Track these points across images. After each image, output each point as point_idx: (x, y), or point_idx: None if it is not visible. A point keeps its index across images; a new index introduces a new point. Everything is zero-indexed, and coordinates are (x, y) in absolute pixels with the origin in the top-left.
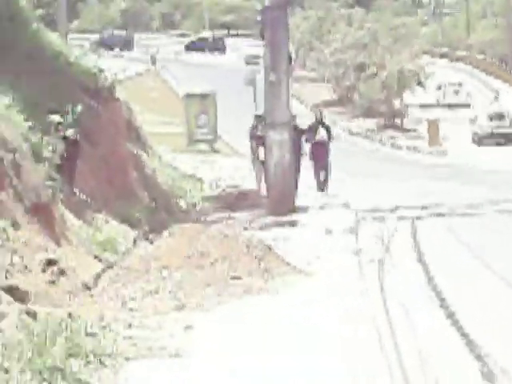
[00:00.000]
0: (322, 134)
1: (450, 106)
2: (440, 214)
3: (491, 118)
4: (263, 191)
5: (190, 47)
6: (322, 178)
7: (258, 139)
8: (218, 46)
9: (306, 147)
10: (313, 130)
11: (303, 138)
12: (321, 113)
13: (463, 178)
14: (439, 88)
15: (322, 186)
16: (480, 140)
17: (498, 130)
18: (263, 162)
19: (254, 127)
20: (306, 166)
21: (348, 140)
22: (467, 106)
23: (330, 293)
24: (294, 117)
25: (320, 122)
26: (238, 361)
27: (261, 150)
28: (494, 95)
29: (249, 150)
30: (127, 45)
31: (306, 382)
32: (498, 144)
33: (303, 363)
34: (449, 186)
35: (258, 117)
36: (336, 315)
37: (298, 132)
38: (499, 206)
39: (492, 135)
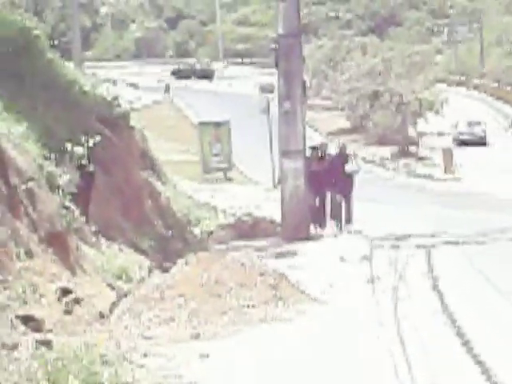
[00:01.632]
0: (350, 165)
1: (464, 143)
2: (455, 242)
3: (469, 124)
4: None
5: (176, 74)
6: (346, 214)
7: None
8: (206, 74)
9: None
10: (339, 160)
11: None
12: (344, 144)
13: (478, 205)
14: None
15: (346, 219)
16: (460, 142)
17: (474, 134)
18: None
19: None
20: None
21: (362, 168)
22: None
23: (345, 321)
24: (325, 145)
25: (345, 155)
26: None
27: None
28: (509, 122)
29: (262, 179)
30: (207, 75)
31: None
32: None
33: None
34: (463, 213)
35: (313, 148)
36: (350, 344)
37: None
38: None
39: (469, 139)
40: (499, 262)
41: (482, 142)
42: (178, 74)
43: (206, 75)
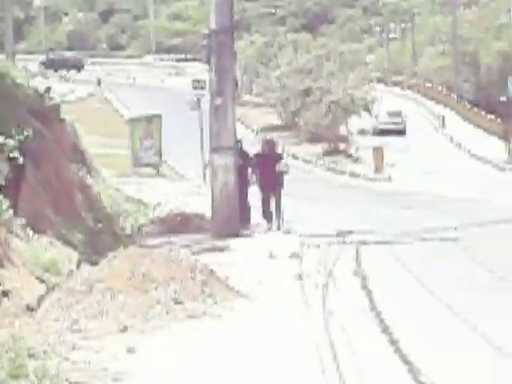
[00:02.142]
0: (283, 164)
1: (383, 132)
2: (384, 241)
3: (389, 115)
4: None
5: (47, 64)
6: (276, 212)
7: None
8: (76, 64)
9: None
10: (270, 158)
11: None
12: (272, 141)
13: (407, 204)
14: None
15: (275, 218)
16: (379, 132)
17: (394, 124)
18: None
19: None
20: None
21: (292, 165)
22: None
23: (273, 317)
24: (239, 141)
25: (276, 152)
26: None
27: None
28: (440, 122)
29: (192, 175)
30: (77, 66)
31: None
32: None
33: None
34: (393, 212)
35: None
36: (278, 339)
37: (246, 158)
38: (440, 233)
39: (390, 128)
40: (426, 261)
41: (401, 132)
42: (50, 65)
43: (76, 65)
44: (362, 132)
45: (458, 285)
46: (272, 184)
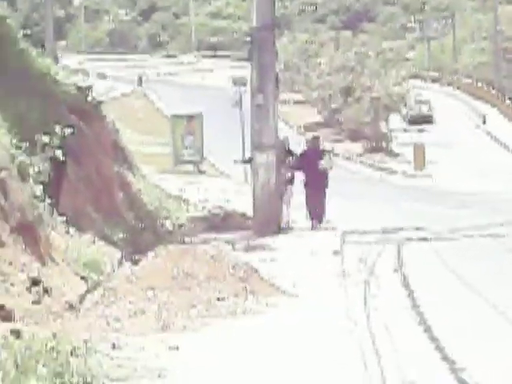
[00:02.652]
0: (326, 161)
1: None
2: (425, 238)
3: (417, 102)
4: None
5: None
6: (319, 209)
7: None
8: None
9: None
10: (314, 155)
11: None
12: (317, 137)
13: (449, 202)
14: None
15: (318, 218)
16: (410, 119)
17: (422, 112)
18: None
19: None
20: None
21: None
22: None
23: (315, 314)
24: (286, 138)
25: (319, 149)
26: (223, 381)
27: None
28: (481, 119)
29: (234, 173)
30: None
31: None
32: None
33: None
34: (434, 209)
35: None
36: (320, 336)
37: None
38: (484, 231)
39: (418, 116)
40: (469, 259)
41: (428, 120)
42: None
43: None
44: (403, 130)
45: (502, 282)
46: (317, 182)
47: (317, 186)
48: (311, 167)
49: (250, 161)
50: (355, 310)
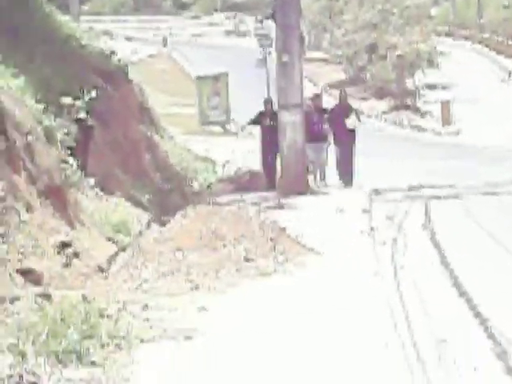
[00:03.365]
0: (352, 120)
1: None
2: (454, 195)
3: None
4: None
5: None
6: (348, 167)
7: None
8: None
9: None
10: (341, 113)
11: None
12: (345, 94)
13: (478, 157)
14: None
15: (347, 177)
16: None
17: None
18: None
19: None
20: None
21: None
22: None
23: (344, 273)
24: (319, 95)
25: (347, 105)
26: (252, 342)
27: None
28: (508, 75)
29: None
30: None
31: (319, 362)
32: None
33: (317, 344)
34: (463, 165)
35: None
36: (349, 294)
37: (321, 112)
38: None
39: None
40: (498, 215)
41: None
42: None
43: None
44: (431, 86)
45: None
46: (345, 139)
47: (345, 144)
48: (339, 125)
49: (257, 121)
50: (383, 267)
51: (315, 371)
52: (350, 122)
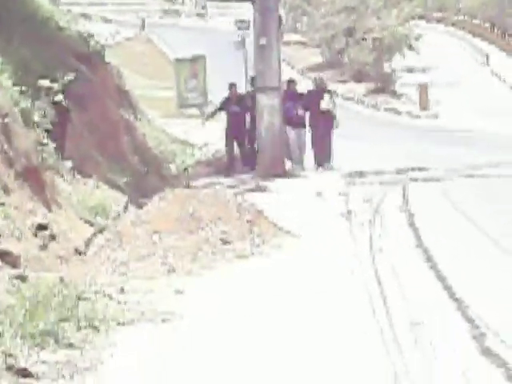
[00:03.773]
0: (326, 101)
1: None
2: (431, 178)
3: None
4: None
5: None
6: (325, 151)
7: None
8: None
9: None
10: (316, 96)
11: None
12: (321, 78)
13: (454, 142)
14: None
15: (324, 160)
16: None
17: None
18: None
19: None
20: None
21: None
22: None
23: (321, 255)
24: (293, 81)
25: (322, 89)
26: (229, 324)
27: None
28: (484, 59)
29: None
30: None
31: (296, 346)
32: None
33: (295, 327)
34: (439, 149)
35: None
36: (327, 276)
37: (296, 96)
38: (489, 170)
39: None
40: (475, 197)
41: None
42: None
43: None
44: (408, 70)
45: (505, 218)
46: (321, 123)
47: (321, 127)
48: (315, 109)
49: (223, 107)
50: (361, 249)
51: (292, 355)
52: (324, 103)
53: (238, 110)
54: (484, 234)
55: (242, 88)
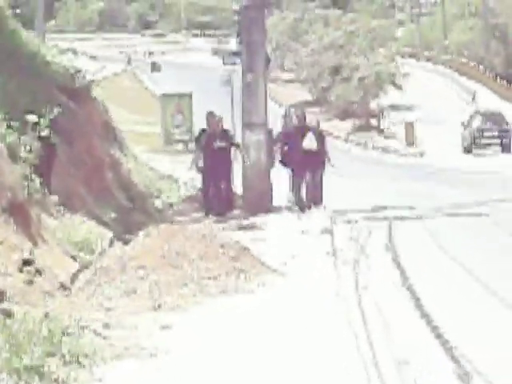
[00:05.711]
0: (310, 139)
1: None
2: (418, 215)
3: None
4: None
5: None
6: (311, 193)
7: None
8: None
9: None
10: (299, 134)
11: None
12: (304, 114)
13: (440, 180)
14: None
15: (316, 203)
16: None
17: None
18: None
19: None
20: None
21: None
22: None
23: (306, 293)
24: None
25: (305, 126)
26: (215, 360)
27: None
28: (472, 97)
29: None
30: None
31: (281, 381)
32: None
33: (279, 364)
34: (425, 187)
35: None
36: (311, 315)
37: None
38: (474, 209)
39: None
40: (460, 236)
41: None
42: None
43: None
44: (394, 107)
45: (491, 259)
46: (309, 162)
47: (309, 167)
48: (295, 147)
49: (198, 156)
50: (346, 287)
51: None
52: (306, 142)
53: (224, 145)
54: (469, 273)
55: (228, 123)
